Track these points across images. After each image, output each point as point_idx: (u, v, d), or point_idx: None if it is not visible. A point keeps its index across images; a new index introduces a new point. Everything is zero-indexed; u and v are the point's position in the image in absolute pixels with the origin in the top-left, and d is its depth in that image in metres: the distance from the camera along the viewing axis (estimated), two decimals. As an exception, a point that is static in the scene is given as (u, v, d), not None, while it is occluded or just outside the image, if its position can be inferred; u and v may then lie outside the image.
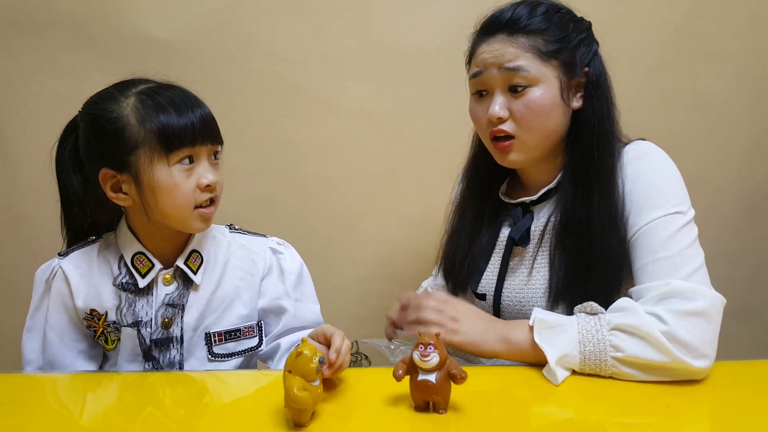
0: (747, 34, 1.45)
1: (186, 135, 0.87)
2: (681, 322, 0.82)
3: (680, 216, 0.92)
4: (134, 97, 0.89)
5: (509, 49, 0.96)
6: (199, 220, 0.92)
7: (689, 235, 0.92)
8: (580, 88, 1.01)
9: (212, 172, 0.92)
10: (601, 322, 0.85)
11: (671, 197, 0.94)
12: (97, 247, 0.98)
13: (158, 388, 0.88)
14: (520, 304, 1.01)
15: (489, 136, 1.00)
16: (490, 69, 0.98)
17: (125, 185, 0.90)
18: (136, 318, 0.94)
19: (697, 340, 0.81)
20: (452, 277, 1.11)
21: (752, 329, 1.61)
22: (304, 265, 1.07)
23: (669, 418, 0.74)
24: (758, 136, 1.51)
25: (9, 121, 1.45)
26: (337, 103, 1.47)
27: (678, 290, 0.85)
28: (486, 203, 1.10)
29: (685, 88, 1.47)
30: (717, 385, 0.83)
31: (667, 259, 0.89)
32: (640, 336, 0.82)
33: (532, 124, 0.97)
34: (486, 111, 0.99)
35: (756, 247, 1.57)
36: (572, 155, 1.00)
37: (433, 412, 0.75)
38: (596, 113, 1.00)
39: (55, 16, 1.40)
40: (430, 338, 0.73)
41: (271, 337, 1.02)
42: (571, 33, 0.99)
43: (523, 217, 1.03)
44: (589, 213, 0.95)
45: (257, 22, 1.43)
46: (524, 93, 0.96)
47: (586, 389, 0.86)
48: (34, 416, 0.78)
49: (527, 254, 1.02)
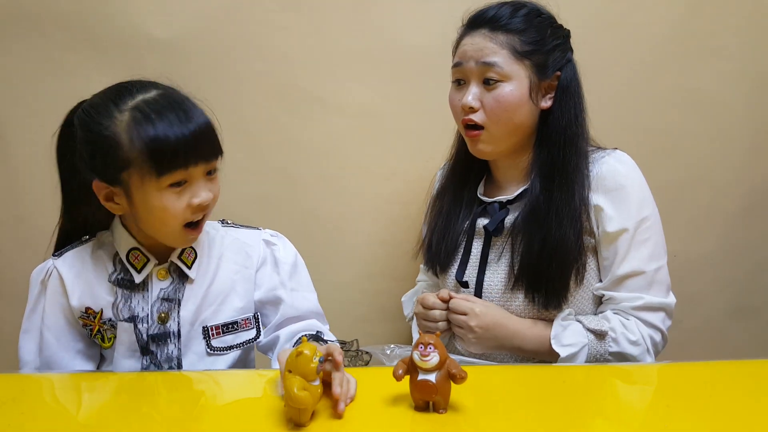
0: (746, 33, 1.45)
1: (179, 158, 0.84)
2: (654, 335, 1.04)
3: (652, 218, 1.06)
4: (129, 113, 0.85)
5: (488, 44, 1.04)
6: (184, 240, 0.93)
7: (656, 241, 1.07)
8: (551, 90, 1.08)
9: (206, 189, 0.89)
10: (605, 346, 1.02)
11: (644, 205, 1.06)
12: (91, 245, 0.99)
13: (157, 387, 0.88)
14: (495, 290, 1.09)
15: (462, 123, 1.09)
16: (469, 61, 1.06)
17: (117, 197, 0.90)
18: (132, 313, 0.95)
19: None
20: (433, 261, 1.19)
21: (752, 329, 1.61)
22: (298, 255, 1.07)
23: (669, 418, 0.74)
24: (757, 135, 1.51)
25: (9, 121, 1.45)
26: (337, 103, 1.47)
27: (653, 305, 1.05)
28: (463, 192, 1.19)
29: (683, 87, 1.47)
30: (717, 385, 0.83)
31: (643, 275, 1.05)
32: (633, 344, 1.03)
33: (500, 116, 1.05)
34: (461, 99, 1.08)
35: (756, 246, 1.57)
36: (539, 153, 1.08)
37: (433, 412, 0.75)
38: (564, 115, 1.07)
39: (55, 16, 1.40)
40: (430, 338, 0.73)
41: (270, 328, 1.03)
42: (548, 37, 1.07)
43: (499, 211, 1.12)
44: (550, 207, 1.03)
45: (257, 22, 1.43)
46: (495, 87, 1.04)
47: (586, 389, 0.86)
48: (34, 416, 0.78)
49: (498, 244, 1.11)
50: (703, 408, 0.77)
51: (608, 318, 1.04)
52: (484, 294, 1.11)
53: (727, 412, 0.76)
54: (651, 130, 1.49)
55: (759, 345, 1.60)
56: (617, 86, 1.47)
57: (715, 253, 1.55)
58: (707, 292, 1.57)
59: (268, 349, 1.03)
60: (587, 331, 1.03)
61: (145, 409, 0.79)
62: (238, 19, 1.42)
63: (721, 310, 1.59)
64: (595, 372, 0.96)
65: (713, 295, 1.58)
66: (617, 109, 1.47)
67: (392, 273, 1.48)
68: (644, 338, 1.03)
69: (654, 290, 1.05)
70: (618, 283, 1.05)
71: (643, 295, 1.04)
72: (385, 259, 1.52)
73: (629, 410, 0.78)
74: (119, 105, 0.86)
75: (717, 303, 1.58)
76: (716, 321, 1.59)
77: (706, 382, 0.85)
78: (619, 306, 1.05)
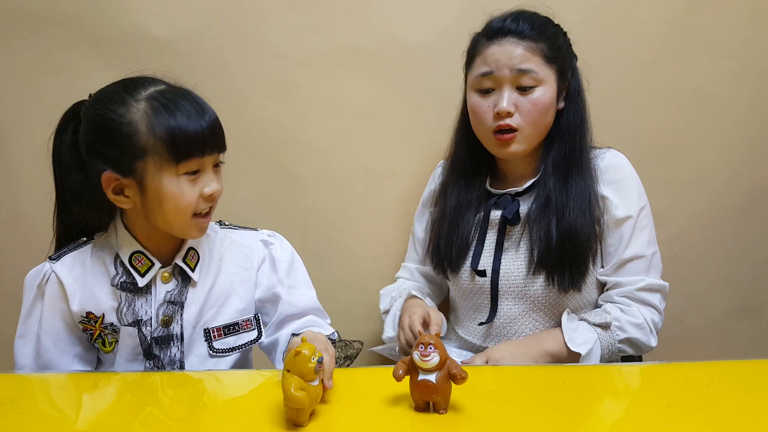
0: (747, 31, 1.45)
1: (196, 146, 0.87)
2: (653, 315, 1.13)
3: (647, 207, 1.16)
4: (145, 102, 0.87)
5: (521, 51, 1.10)
6: (196, 228, 0.93)
7: (651, 228, 1.16)
8: (563, 91, 1.17)
9: (216, 180, 0.92)
10: (614, 336, 1.10)
11: (642, 195, 1.16)
12: (90, 248, 0.97)
13: (157, 388, 0.88)
14: (513, 276, 1.15)
15: (493, 129, 1.12)
16: (503, 69, 1.10)
17: (128, 189, 0.90)
18: (136, 317, 0.94)
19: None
20: (443, 261, 1.23)
21: (752, 329, 1.60)
22: (295, 253, 1.08)
23: (669, 418, 0.74)
24: (758, 134, 1.50)
25: (8, 120, 1.44)
26: (337, 101, 1.47)
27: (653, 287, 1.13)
28: (469, 192, 1.22)
29: (684, 86, 1.46)
30: (717, 385, 0.83)
31: (644, 259, 1.13)
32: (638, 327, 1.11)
33: (536, 119, 1.11)
34: (492, 106, 1.12)
35: (756, 246, 1.57)
36: (555, 149, 1.15)
37: (433, 413, 0.75)
38: (578, 114, 1.16)
39: (54, 15, 1.40)
40: (430, 338, 0.73)
41: (270, 326, 1.03)
42: (564, 44, 1.16)
43: (512, 203, 1.17)
44: (568, 199, 1.11)
45: (256, 20, 1.42)
46: (532, 92, 1.10)
47: (586, 389, 0.86)
48: (34, 416, 0.78)
49: (515, 233, 1.17)
50: (704, 408, 0.77)
51: (608, 310, 1.12)
52: (502, 280, 1.16)
53: (728, 412, 0.76)
54: (651, 128, 1.49)
55: (760, 345, 1.60)
56: (618, 85, 1.46)
57: (716, 253, 1.55)
58: (708, 292, 1.57)
59: (272, 350, 1.03)
60: (593, 326, 1.10)
61: (146, 409, 0.79)
62: (237, 17, 1.42)
63: (722, 310, 1.59)
64: (596, 372, 0.96)
65: (714, 294, 1.57)
66: (618, 108, 1.46)
67: (392, 272, 1.47)
68: (646, 320, 1.11)
69: (652, 273, 1.14)
70: (621, 266, 1.13)
71: (644, 278, 1.12)
72: (385, 259, 1.51)
73: (630, 410, 0.78)
74: (134, 95, 0.88)
75: (718, 303, 1.58)
76: (717, 321, 1.59)
77: (707, 382, 0.85)
78: (623, 290, 1.12)
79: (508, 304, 1.17)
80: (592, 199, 1.12)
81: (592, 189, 1.12)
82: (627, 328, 1.10)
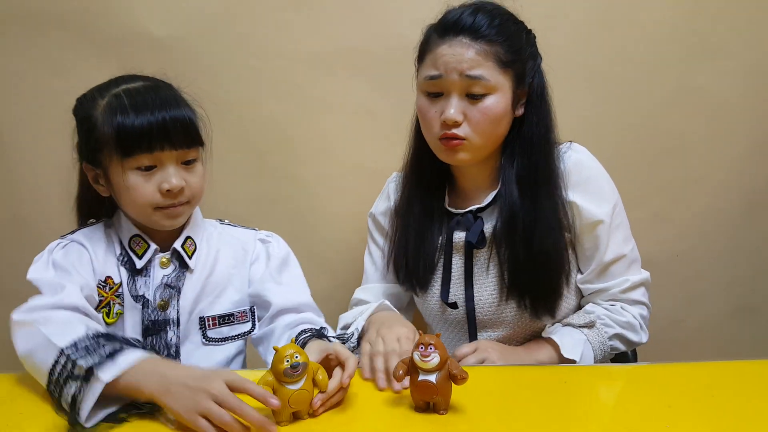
0: (748, 32, 1.45)
1: (143, 142, 0.88)
2: (641, 310, 1.09)
3: (618, 202, 1.08)
4: (107, 98, 0.90)
5: (472, 55, 0.98)
6: (164, 218, 0.93)
7: (626, 222, 1.10)
8: (523, 97, 1.05)
9: (178, 176, 0.91)
10: (601, 333, 1.05)
11: (611, 190, 1.08)
12: (101, 227, 1.00)
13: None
14: (487, 303, 1.08)
15: (439, 136, 1.03)
16: (451, 74, 0.99)
17: (101, 179, 0.95)
18: (138, 294, 0.96)
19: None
20: (411, 280, 1.14)
21: (752, 329, 1.60)
22: (291, 253, 1.09)
23: (669, 418, 0.74)
24: (759, 135, 1.50)
25: (8, 120, 1.44)
26: (336, 101, 1.47)
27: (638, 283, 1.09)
28: (431, 202, 1.13)
29: (685, 86, 1.46)
30: (717, 385, 0.83)
31: (624, 258, 1.07)
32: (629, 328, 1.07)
33: (486, 129, 1.01)
34: (439, 112, 1.02)
35: (756, 246, 1.57)
36: (515, 160, 1.05)
37: (433, 413, 0.75)
38: (542, 122, 1.05)
39: (54, 15, 1.40)
40: (430, 338, 0.73)
41: (264, 321, 1.03)
42: (524, 45, 1.04)
43: (474, 222, 1.08)
44: (537, 213, 1.02)
45: (256, 20, 1.42)
46: (482, 100, 0.99)
47: (586, 389, 0.86)
48: (34, 416, 0.77)
49: (482, 255, 1.09)
50: (705, 408, 0.77)
51: (588, 310, 1.08)
52: (476, 310, 1.09)
53: (728, 412, 0.76)
54: (652, 129, 1.49)
55: (760, 345, 1.60)
56: (618, 85, 1.46)
57: (717, 253, 1.55)
58: (709, 292, 1.57)
59: (260, 343, 1.04)
60: (578, 328, 1.05)
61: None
62: (236, 17, 1.42)
63: (722, 310, 1.59)
64: (595, 372, 0.96)
65: (714, 295, 1.57)
66: (618, 108, 1.46)
67: (392, 272, 1.47)
68: (634, 317, 1.07)
69: (633, 269, 1.09)
70: (603, 271, 1.07)
71: (627, 277, 1.08)
72: (385, 259, 1.51)
73: (630, 410, 0.78)
74: (102, 92, 0.92)
75: (718, 303, 1.58)
76: (718, 321, 1.59)
77: (707, 382, 0.85)
78: (608, 293, 1.08)
79: (488, 332, 1.11)
80: (561, 211, 1.04)
81: (560, 199, 1.04)
82: (613, 324, 1.05)
